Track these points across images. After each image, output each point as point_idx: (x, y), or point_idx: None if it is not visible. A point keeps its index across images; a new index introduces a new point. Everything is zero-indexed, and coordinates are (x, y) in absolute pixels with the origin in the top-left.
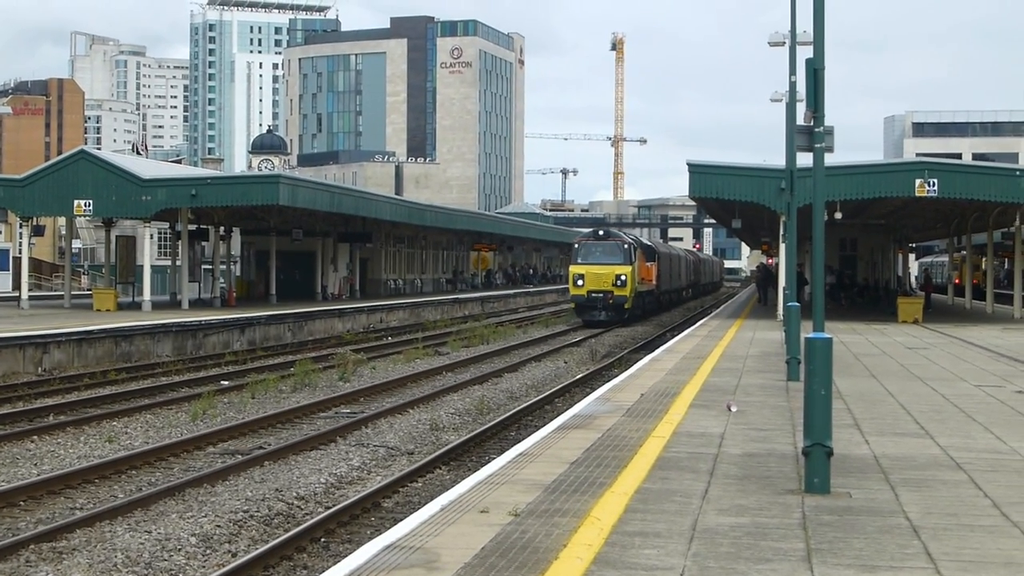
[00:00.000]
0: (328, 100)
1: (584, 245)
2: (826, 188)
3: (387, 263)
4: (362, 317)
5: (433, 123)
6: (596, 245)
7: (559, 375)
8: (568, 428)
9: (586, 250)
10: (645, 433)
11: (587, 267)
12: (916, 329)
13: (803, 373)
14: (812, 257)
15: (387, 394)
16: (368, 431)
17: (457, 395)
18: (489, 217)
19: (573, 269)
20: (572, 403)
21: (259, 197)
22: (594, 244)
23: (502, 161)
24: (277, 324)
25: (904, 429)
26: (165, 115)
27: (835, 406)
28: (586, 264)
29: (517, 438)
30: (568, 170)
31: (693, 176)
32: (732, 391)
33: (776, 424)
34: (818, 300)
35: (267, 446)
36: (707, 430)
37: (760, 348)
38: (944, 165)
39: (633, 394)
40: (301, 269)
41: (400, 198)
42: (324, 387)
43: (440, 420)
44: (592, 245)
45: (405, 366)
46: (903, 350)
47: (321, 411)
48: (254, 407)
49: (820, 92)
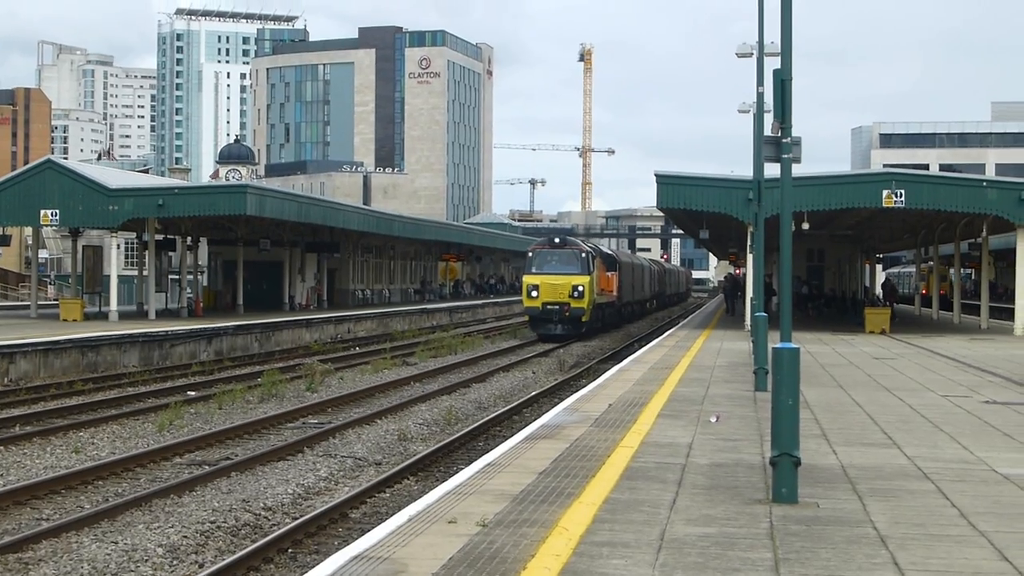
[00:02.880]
0: (296, 110)
1: (539, 253)
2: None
3: (355, 273)
4: (330, 327)
5: (401, 133)
6: (551, 253)
7: (527, 385)
8: (536, 438)
9: (541, 259)
10: (613, 443)
11: (542, 277)
12: (883, 340)
13: (771, 383)
14: (780, 267)
15: (355, 404)
16: (336, 442)
17: (425, 405)
18: (457, 227)
19: (527, 279)
20: (540, 413)
21: (226, 207)
22: (549, 252)
23: (470, 171)
24: (244, 334)
25: (871, 439)
26: (132, 124)
27: (802, 416)
28: (541, 274)
29: (485, 448)
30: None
31: (661, 187)
32: (700, 401)
33: (744, 434)
34: (785, 310)
35: (234, 457)
36: (675, 440)
37: (728, 358)
38: (911, 176)
39: (601, 404)
40: (268, 279)
41: (368, 208)
42: (291, 397)
43: (408, 430)
44: (547, 253)
45: (373, 376)
46: (870, 360)
47: (288, 422)
48: (221, 418)
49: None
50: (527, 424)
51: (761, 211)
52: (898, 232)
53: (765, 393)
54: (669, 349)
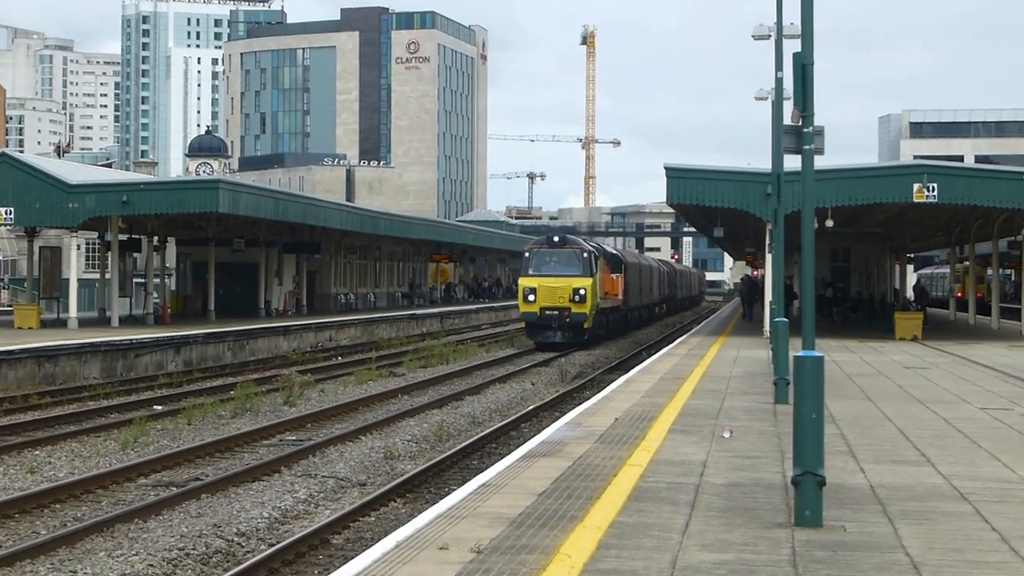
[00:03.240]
0: (273, 98)
1: (536, 253)
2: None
3: (337, 276)
4: (309, 335)
5: (388, 123)
6: (550, 253)
7: (525, 398)
8: (535, 456)
9: (538, 259)
10: (620, 461)
11: (540, 279)
12: (915, 347)
13: (792, 395)
14: (801, 268)
15: (337, 419)
16: (316, 460)
17: (414, 420)
18: (449, 225)
19: (523, 282)
20: (540, 429)
21: (197, 204)
22: (548, 252)
23: (463, 165)
24: (216, 343)
25: (903, 456)
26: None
27: (827, 431)
28: (539, 276)
29: (480, 467)
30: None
31: (671, 181)
32: (715, 415)
33: (763, 451)
34: (808, 315)
35: (205, 477)
36: (688, 458)
37: (745, 368)
38: (944, 168)
39: (606, 418)
40: (242, 283)
41: (352, 205)
42: (267, 412)
43: (395, 448)
44: (545, 253)
45: (357, 389)
46: (901, 370)
47: (264, 438)
48: (190, 434)
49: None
50: (525, 440)
51: (781, 207)
52: (930, 230)
53: (786, 406)
54: (680, 358)
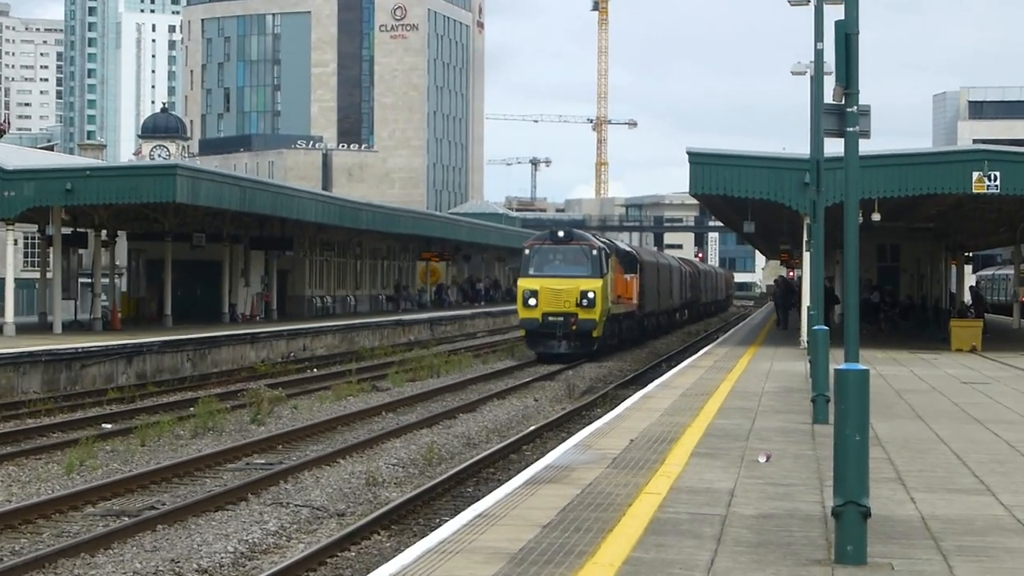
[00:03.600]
0: (238, 71)
1: (538, 250)
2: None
3: (312, 276)
4: (280, 344)
5: (370, 101)
6: (554, 250)
7: (528, 416)
8: (539, 482)
9: (541, 257)
10: (636, 489)
11: (542, 280)
12: (973, 359)
13: (833, 414)
14: (844, 269)
15: (312, 440)
16: (288, 487)
17: (400, 441)
18: (441, 219)
19: (523, 283)
20: (544, 451)
21: (151, 193)
22: (552, 249)
23: (457, 149)
24: (173, 352)
25: (959, 484)
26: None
27: (873, 455)
28: (541, 276)
29: (475, 495)
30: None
31: (695, 168)
32: (744, 436)
33: (799, 478)
34: (851, 322)
35: (161, 506)
36: (713, 485)
37: (779, 383)
38: (1008, 154)
39: (620, 440)
40: (204, 283)
41: (329, 194)
42: (233, 431)
43: (379, 472)
44: (548, 250)
45: (335, 405)
46: (957, 385)
47: (229, 461)
48: (144, 457)
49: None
50: (528, 465)
51: (821, 198)
52: (992, 224)
53: (826, 426)
54: (705, 371)
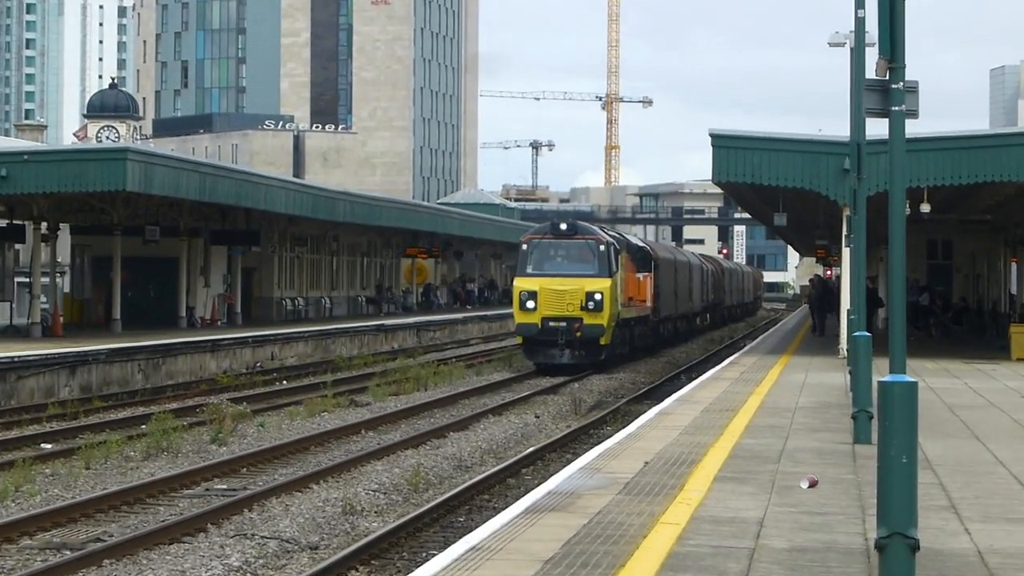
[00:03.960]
0: (197, 42)
1: (537, 245)
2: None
3: (282, 275)
4: (245, 352)
5: (348, 75)
6: (556, 245)
7: (527, 435)
8: (540, 511)
9: (540, 253)
10: (651, 518)
11: (542, 280)
12: None
13: (876, 433)
14: (889, 267)
15: (281, 462)
16: (253, 516)
17: (382, 464)
18: (429, 210)
19: (520, 283)
20: (546, 475)
21: (98, 180)
22: (553, 243)
23: (447, 131)
24: (123, 362)
25: (1020, 513)
26: None
27: (922, 479)
28: (540, 275)
29: (467, 526)
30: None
31: (719, 152)
32: (775, 458)
33: (838, 505)
34: (897, 328)
35: (108, 537)
36: (739, 514)
37: (815, 397)
38: None
39: (633, 462)
40: (158, 283)
41: (301, 182)
42: (190, 452)
43: (357, 500)
44: (549, 245)
45: (307, 422)
46: (1018, 400)
47: (186, 487)
48: (89, 481)
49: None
50: (528, 491)
51: (862, 187)
52: None
53: (869, 447)
54: (730, 383)
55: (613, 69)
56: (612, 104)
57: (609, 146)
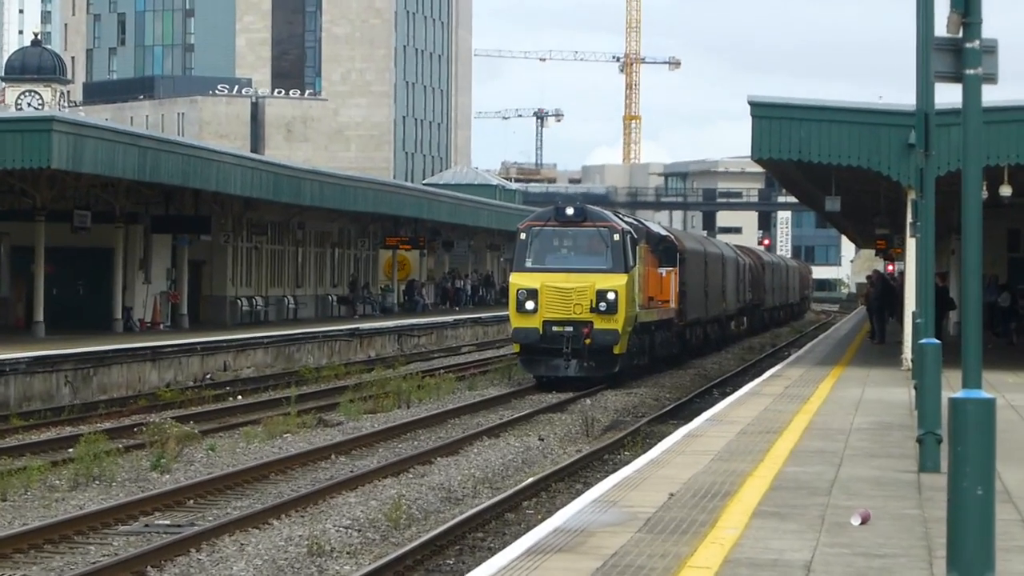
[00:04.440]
0: None
1: (538, 234)
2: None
3: (237, 270)
4: (193, 362)
5: (317, 30)
6: (561, 234)
7: (529, 461)
8: (545, 552)
9: (542, 243)
10: (676, 560)
11: (544, 276)
12: None
13: (947, 459)
14: (962, 262)
15: (235, 493)
16: (202, 557)
17: (355, 496)
18: (413, 192)
19: (517, 279)
20: (552, 509)
21: (17, 155)
22: (557, 232)
23: (435, 97)
24: (46, 373)
25: None
26: None
27: (1000, 515)
28: (542, 270)
29: (457, 570)
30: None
31: (760, 123)
32: (826, 490)
33: (900, 545)
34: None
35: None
36: (783, 556)
37: (873, 416)
38: None
39: (656, 494)
40: (89, 279)
41: (260, 158)
42: (127, 481)
43: (325, 538)
44: (553, 234)
45: (266, 446)
46: None
47: (121, 522)
48: (5, 516)
49: None
50: (530, 528)
51: (930, 165)
52: None
53: (937, 476)
54: (772, 400)
55: (633, 24)
56: (632, 66)
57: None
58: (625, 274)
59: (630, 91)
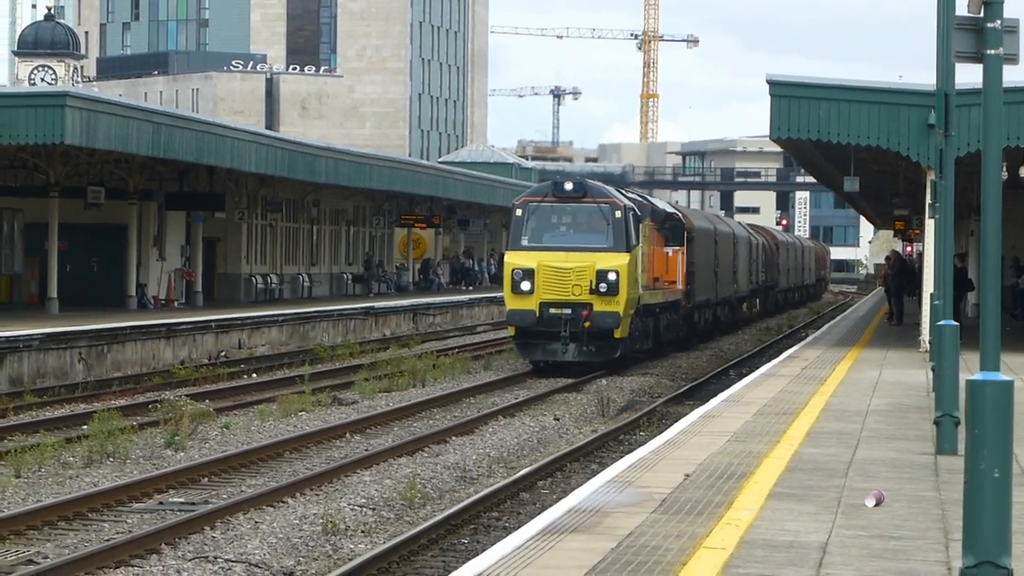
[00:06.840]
0: None
1: (535, 210)
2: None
3: (251, 247)
4: (207, 339)
5: (332, 7)
6: (559, 210)
7: (545, 440)
8: (560, 532)
9: (539, 220)
10: (692, 541)
11: (540, 255)
12: None
13: (964, 441)
14: (982, 243)
15: (249, 471)
16: (216, 535)
17: (370, 474)
18: (428, 170)
19: (512, 258)
20: (568, 489)
21: (30, 131)
22: (555, 208)
23: (451, 75)
24: (60, 349)
25: None
26: None
27: (1018, 498)
28: (538, 249)
29: (472, 549)
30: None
31: (778, 102)
32: (843, 471)
33: (917, 528)
34: (990, 317)
35: (42, 560)
36: (799, 537)
37: (890, 398)
38: None
39: (672, 474)
40: (103, 256)
41: (275, 135)
42: (141, 459)
43: (340, 517)
44: (551, 210)
45: (281, 424)
46: None
47: (136, 500)
48: (20, 492)
49: None
50: (545, 507)
51: (950, 145)
52: None
53: (954, 458)
54: (789, 381)
55: (651, 2)
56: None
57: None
58: (627, 253)
59: (647, 69)
